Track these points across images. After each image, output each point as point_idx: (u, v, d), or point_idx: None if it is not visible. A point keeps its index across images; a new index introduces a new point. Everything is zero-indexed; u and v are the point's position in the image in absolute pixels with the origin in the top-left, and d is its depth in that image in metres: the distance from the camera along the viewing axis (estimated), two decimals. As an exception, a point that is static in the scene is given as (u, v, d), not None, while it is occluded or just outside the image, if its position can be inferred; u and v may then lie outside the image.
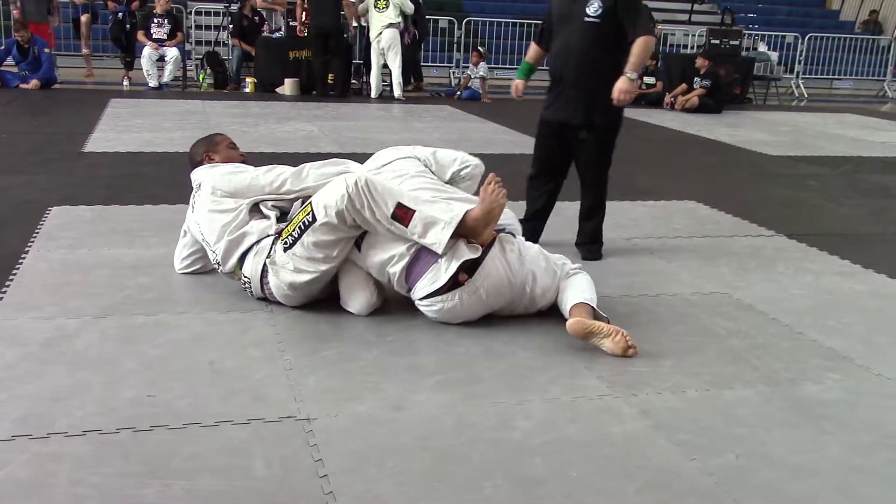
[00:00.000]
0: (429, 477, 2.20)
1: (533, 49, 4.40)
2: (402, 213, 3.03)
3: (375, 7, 10.67)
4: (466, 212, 3.07)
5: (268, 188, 3.38)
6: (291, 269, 3.18)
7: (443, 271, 3.08)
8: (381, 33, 10.66)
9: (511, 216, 3.51)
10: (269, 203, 3.39)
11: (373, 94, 11.03)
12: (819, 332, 3.37)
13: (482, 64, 11.42)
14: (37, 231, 4.20)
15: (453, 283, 3.08)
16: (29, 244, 3.98)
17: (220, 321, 3.18)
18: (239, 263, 3.34)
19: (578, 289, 3.25)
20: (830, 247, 4.61)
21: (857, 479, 2.30)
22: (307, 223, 3.09)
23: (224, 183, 3.40)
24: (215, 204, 3.37)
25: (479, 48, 11.74)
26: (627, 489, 2.19)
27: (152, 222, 4.46)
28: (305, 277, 3.18)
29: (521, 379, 2.80)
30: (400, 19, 10.77)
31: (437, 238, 3.03)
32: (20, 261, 3.74)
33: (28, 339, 2.93)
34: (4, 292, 3.36)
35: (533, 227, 4.26)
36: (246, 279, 3.33)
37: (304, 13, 10.92)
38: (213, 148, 3.68)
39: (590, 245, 4.24)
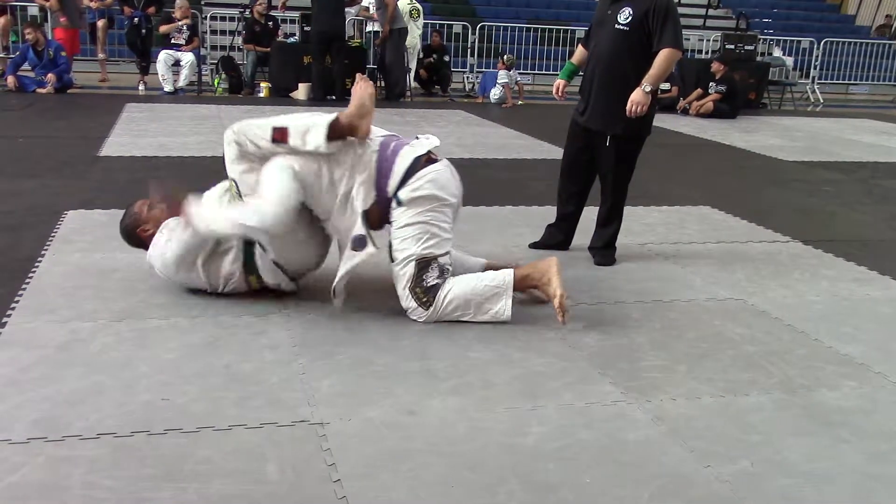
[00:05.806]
0: (442, 482, 2.20)
1: (578, 50, 4.39)
2: (280, 135, 3.19)
3: None
4: (338, 114, 3.21)
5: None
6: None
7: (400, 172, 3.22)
8: None
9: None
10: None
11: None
12: (835, 338, 3.35)
13: (514, 71, 11.68)
14: (52, 235, 4.23)
15: (427, 159, 3.25)
16: (45, 248, 4.01)
17: (234, 325, 3.19)
18: None
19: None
20: (846, 253, 4.58)
21: (873, 487, 2.29)
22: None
23: None
24: None
25: (503, 57, 11.77)
26: (641, 496, 2.19)
27: (167, 226, 4.47)
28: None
29: (535, 384, 2.80)
30: None
31: (316, 141, 3.16)
32: (36, 264, 3.76)
33: (43, 342, 2.94)
34: (20, 296, 3.38)
35: (565, 230, 4.34)
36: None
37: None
38: None
39: (603, 250, 4.23)
